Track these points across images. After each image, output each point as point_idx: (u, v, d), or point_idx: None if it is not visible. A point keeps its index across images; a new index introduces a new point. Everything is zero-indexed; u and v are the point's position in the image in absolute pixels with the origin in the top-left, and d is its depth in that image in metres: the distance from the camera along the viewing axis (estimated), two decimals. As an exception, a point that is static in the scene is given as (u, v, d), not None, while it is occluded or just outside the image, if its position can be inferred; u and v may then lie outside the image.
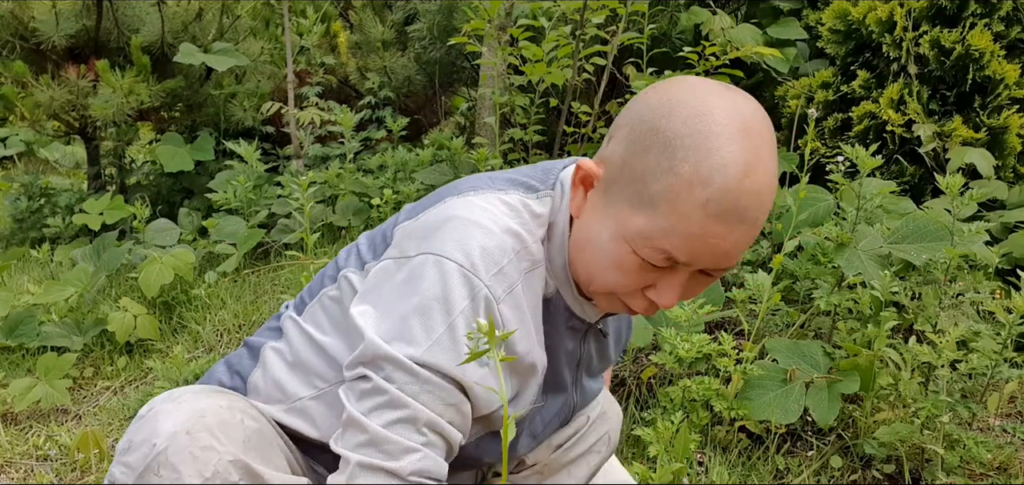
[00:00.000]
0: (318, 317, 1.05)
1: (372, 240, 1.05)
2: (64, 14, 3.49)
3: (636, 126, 0.88)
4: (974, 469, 1.68)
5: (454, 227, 0.91)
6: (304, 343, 1.05)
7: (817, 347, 1.79)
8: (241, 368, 1.10)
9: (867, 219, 1.92)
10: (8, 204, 3.76)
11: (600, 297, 0.97)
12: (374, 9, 4.26)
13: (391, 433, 0.87)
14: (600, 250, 0.91)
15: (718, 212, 0.82)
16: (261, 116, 3.56)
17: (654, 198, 0.85)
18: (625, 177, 0.88)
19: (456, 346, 0.88)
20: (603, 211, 0.91)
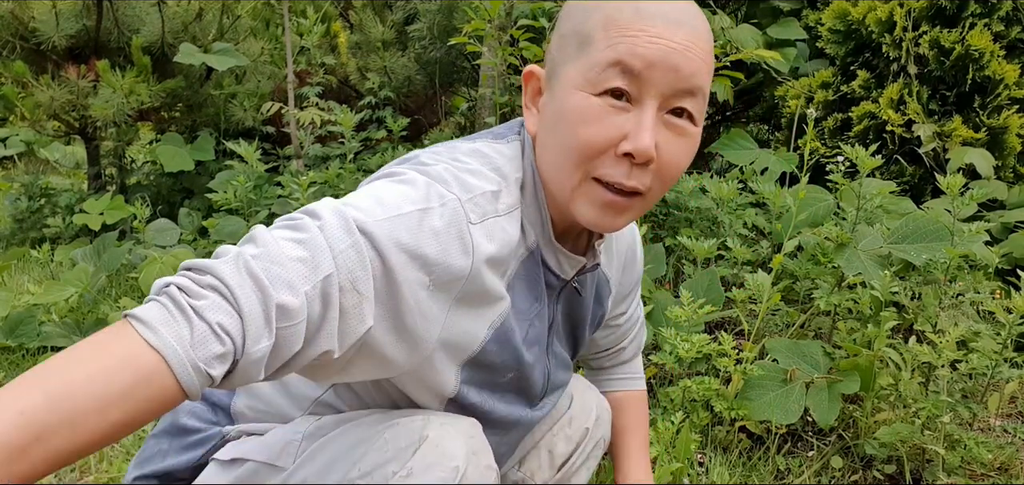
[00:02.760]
0: None
1: None
2: (64, 14, 3.49)
3: (560, 15, 0.92)
4: (975, 469, 1.68)
5: (425, 161, 0.89)
6: None
7: (817, 347, 1.79)
8: (218, 397, 1.02)
9: (867, 219, 1.92)
10: (8, 204, 3.76)
11: (580, 197, 0.88)
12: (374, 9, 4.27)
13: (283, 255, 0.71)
14: (562, 125, 0.86)
15: (652, 12, 0.83)
16: (261, 116, 3.57)
17: (590, 34, 0.85)
18: (562, 48, 0.88)
19: (416, 234, 0.78)
20: (550, 96, 0.89)
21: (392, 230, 0.76)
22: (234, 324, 0.65)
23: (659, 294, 2.04)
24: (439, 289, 0.80)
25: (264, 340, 0.66)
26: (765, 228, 2.31)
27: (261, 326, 0.66)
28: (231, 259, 0.69)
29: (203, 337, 0.63)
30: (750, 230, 2.29)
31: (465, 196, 0.83)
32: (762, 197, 2.28)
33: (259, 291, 0.67)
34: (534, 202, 0.93)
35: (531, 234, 0.93)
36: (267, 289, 0.67)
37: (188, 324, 0.63)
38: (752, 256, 2.12)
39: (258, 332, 0.66)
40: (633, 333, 1.32)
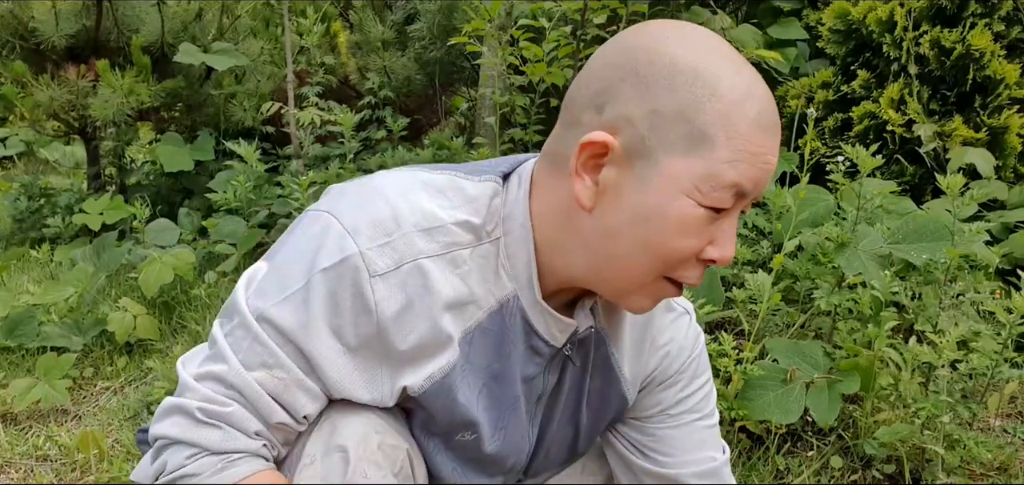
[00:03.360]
0: None
1: None
2: (64, 14, 3.49)
3: (641, 71, 0.75)
4: (974, 469, 1.68)
5: (359, 191, 0.83)
6: None
7: (817, 347, 1.79)
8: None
9: (867, 219, 1.92)
10: (8, 204, 3.76)
11: (643, 293, 0.82)
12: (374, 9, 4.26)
13: (201, 385, 0.81)
14: (655, 226, 0.77)
15: (768, 123, 0.76)
16: (261, 116, 3.56)
17: (706, 131, 0.74)
18: (658, 127, 0.75)
19: (308, 308, 0.78)
20: (637, 181, 0.77)
21: (285, 312, 0.79)
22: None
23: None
24: (358, 351, 0.81)
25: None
26: (765, 228, 2.31)
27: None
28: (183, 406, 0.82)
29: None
30: (750, 230, 2.28)
31: (373, 242, 0.78)
32: (762, 197, 2.28)
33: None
34: (523, 255, 0.84)
35: (506, 286, 0.84)
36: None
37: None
38: (752, 256, 2.12)
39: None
40: (709, 427, 1.04)
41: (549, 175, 0.83)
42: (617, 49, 0.79)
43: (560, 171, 0.81)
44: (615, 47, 0.79)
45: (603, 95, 0.77)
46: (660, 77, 0.75)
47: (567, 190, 0.80)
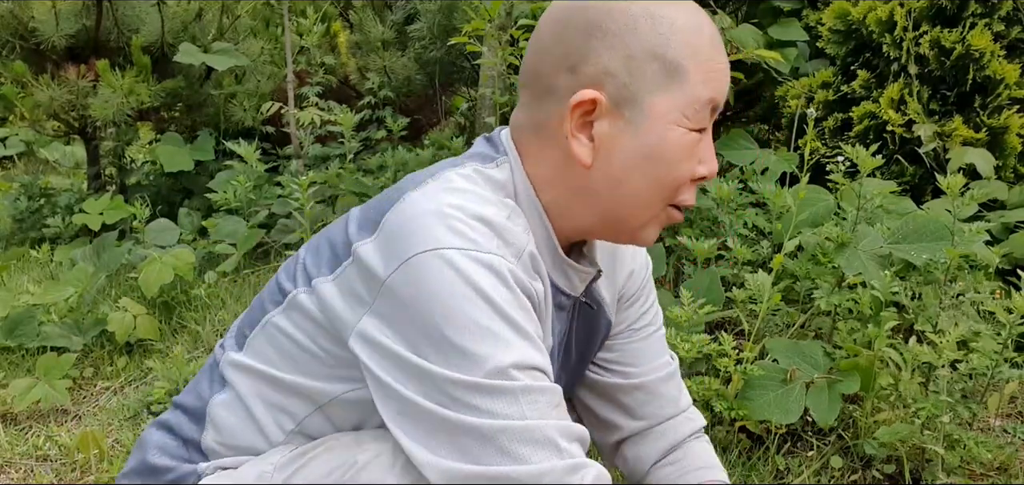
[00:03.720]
0: (266, 351, 0.90)
1: (317, 250, 0.89)
2: (64, 14, 3.49)
3: (604, 25, 0.81)
4: (974, 469, 1.68)
5: (428, 217, 0.79)
6: (255, 386, 0.90)
7: (817, 347, 1.79)
8: (187, 433, 0.94)
9: (867, 219, 1.92)
10: (8, 204, 3.76)
11: (653, 223, 0.89)
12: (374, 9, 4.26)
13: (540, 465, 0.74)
14: (657, 161, 0.84)
15: (718, 39, 0.86)
16: (261, 116, 3.56)
17: (677, 62, 0.82)
18: (635, 71, 0.81)
19: (522, 330, 0.77)
20: (628, 125, 0.83)
21: (503, 349, 0.77)
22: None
23: (659, 294, 2.04)
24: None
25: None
26: (765, 228, 2.31)
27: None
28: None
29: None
30: (750, 230, 2.28)
31: (494, 243, 0.80)
32: (762, 197, 2.28)
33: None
34: (538, 222, 0.89)
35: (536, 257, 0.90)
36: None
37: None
38: (752, 256, 2.12)
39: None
40: (662, 335, 1.16)
41: (536, 146, 0.88)
42: (568, 13, 0.84)
43: (547, 139, 0.87)
44: (565, 12, 0.84)
45: (572, 56, 0.83)
46: (623, 26, 0.81)
47: (560, 155, 0.86)
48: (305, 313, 0.86)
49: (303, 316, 0.87)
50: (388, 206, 0.83)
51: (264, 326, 0.91)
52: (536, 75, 0.86)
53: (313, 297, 0.86)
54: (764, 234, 2.35)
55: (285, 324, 0.89)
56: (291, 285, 0.89)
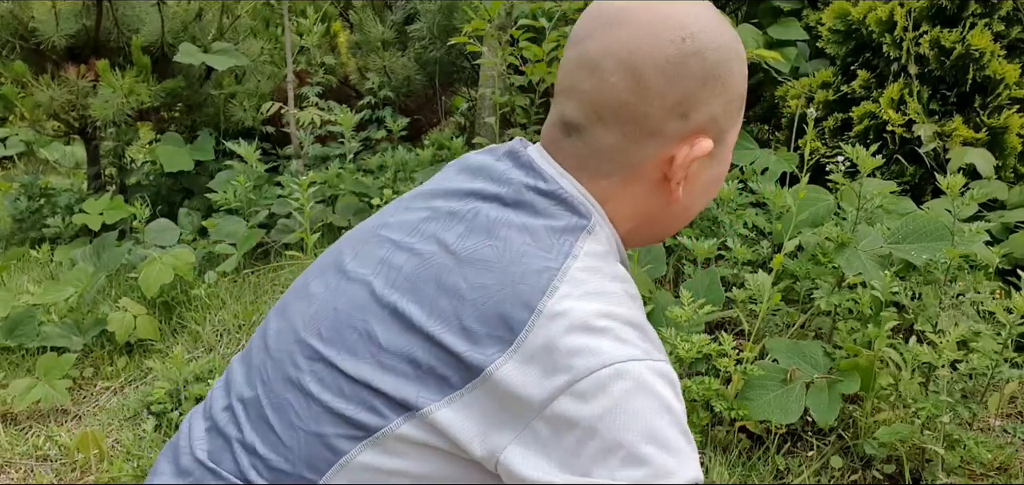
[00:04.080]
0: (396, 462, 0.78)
1: (387, 368, 0.77)
2: (64, 14, 3.48)
3: (714, 72, 0.80)
4: (974, 469, 1.68)
5: (584, 333, 0.73)
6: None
7: (817, 347, 1.79)
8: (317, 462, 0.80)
9: (867, 219, 1.92)
10: (8, 204, 3.75)
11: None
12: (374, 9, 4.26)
13: None
14: (716, 185, 0.88)
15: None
16: (261, 116, 3.56)
17: (743, 97, 0.86)
18: (730, 113, 0.83)
19: (692, 441, 0.74)
20: (713, 160, 0.85)
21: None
22: None
23: (659, 294, 2.04)
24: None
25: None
26: (765, 228, 2.31)
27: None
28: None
29: None
30: (750, 230, 2.29)
31: (657, 348, 0.77)
32: (762, 197, 2.28)
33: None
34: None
35: None
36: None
37: None
38: (752, 256, 2.12)
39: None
40: None
41: (620, 184, 0.83)
42: (681, 59, 0.79)
43: (636, 177, 0.83)
44: (678, 58, 0.79)
45: (684, 104, 0.80)
46: (728, 72, 0.81)
47: (645, 190, 0.84)
48: (413, 442, 0.76)
49: (411, 446, 0.76)
50: (508, 313, 0.74)
51: (342, 467, 0.78)
52: (639, 117, 0.80)
53: (422, 425, 0.75)
54: (764, 234, 2.35)
55: (379, 460, 0.77)
56: (373, 418, 0.77)
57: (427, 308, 0.77)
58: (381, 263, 0.84)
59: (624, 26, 0.80)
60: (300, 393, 0.81)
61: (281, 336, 0.87)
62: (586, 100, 0.81)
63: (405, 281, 0.80)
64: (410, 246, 0.83)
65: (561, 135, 0.84)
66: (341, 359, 0.79)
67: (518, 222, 0.79)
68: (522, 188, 0.82)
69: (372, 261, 0.85)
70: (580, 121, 0.82)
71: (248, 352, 0.92)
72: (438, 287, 0.78)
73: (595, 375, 0.71)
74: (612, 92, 0.80)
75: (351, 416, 0.78)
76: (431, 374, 0.75)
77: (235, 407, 0.86)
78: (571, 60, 0.84)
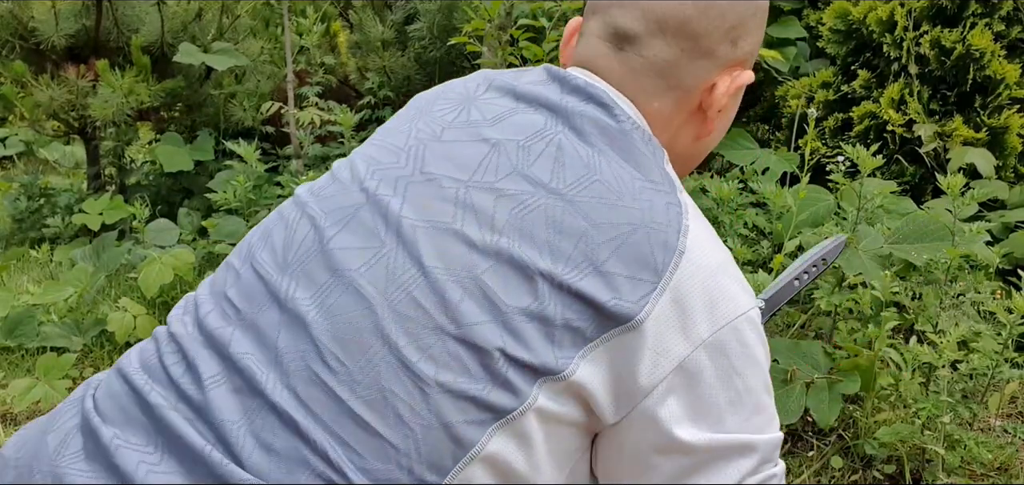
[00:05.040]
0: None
1: (510, 329, 0.66)
2: (64, 14, 3.48)
3: (762, 4, 0.82)
4: (975, 469, 1.68)
5: (724, 276, 0.71)
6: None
7: (817, 347, 1.79)
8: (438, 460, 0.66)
9: (868, 219, 1.92)
10: (8, 204, 3.75)
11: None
12: (374, 9, 4.26)
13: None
14: (727, 127, 0.87)
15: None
16: (261, 116, 3.56)
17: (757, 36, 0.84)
18: (756, 51, 0.83)
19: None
20: (738, 96, 0.85)
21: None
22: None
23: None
24: None
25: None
26: (765, 228, 2.31)
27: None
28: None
29: None
30: (750, 230, 2.28)
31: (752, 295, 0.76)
32: (763, 197, 2.28)
33: None
34: None
35: None
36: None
37: None
38: (752, 256, 2.12)
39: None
40: None
41: (660, 103, 0.79)
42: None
43: (678, 98, 0.80)
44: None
45: (737, 29, 0.79)
46: (763, 8, 0.83)
47: (684, 115, 0.81)
48: (545, 419, 0.67)
49: (542, 424, 0.67)
50: (647, 252, 0.68)
51: (471, 461, 0.65)
52: (697, 34, 0.77)
53: (558, 393, 0.66)
54: (764, 234, 2.35)
55: (509, 448, 0.66)
56: (507, 397, 0.66)
57: (549, 254, 0.67)
58: (459, 207, 0.70)
59: None
60: (404, 380, 0.65)
61: (340, 318, 0.67)
62: (647, 9, 0.76)
63: (507, 227, 0.68)
64: (489, 185, 0.71)
65: (610, 49, 0.78)
66: (456, 328, 0.66)
67: (612, 154, 0.72)
68: (594, 117, 0.74)
69: (442, 204, 0.70)
70: (639, 32, 0.77)
71: (244, 326, 0.70)
72: (554, 229, 0.68)
73: (734, 324, 0.69)
74: (678, 5, 0.76)
75: (481, 397, 0.65)
76: (566, 329, 0.66)
77: (269, 410, 0.66)
78: None
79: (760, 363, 0.72)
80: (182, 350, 0.71)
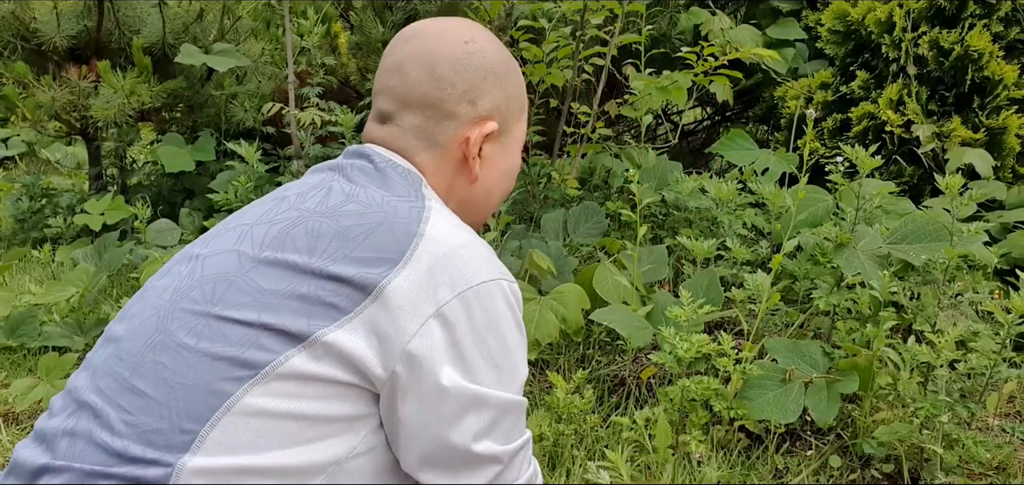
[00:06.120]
0: (239, 440, 0.79)
1: (271, 307, 0.82)
2: (65, 15, 3.49)
3: (494, 70, 1.01)
4: (973, 468, 1.69)
5: (467, 248, 0.88)
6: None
7: (816, 347, 1.79)
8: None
9: (866, 219, 1.93)
10: (10, 204, 3.76)
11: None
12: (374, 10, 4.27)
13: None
14: (510, 177, 1.07)
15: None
16: (262, 117, 3.57)
17: (522, 103, 1.06)
18: (511, 107, 1.03)
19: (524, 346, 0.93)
20: (502, 149, 1.04)
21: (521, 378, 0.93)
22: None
23: (659, 294, 2.05)
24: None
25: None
26: (764, 228, 2.32)
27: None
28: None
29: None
30: (749, 230, 2.29)
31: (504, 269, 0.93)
32: (761, 197, 2.29)
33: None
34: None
35: None
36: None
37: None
38: (751, 256, 2.13)
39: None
40: None
41: (432, 164, 1.00)
42: (466, 55, 1.00)
43: (443, 158, 1.00)
44: (462, 54, 0.99)
45: (472, 92, 1.00)
46: (501, 71, 1.02)
47: (452, 170, 1.01)
48: (302, 378, 0.80)
49: (300, 383, 0.80)
50: (392, 238, 0.86)
51: (227, 411, 0.78)
52: (434, 102, 0.99)
53: (315, 353, 0.80)
54: (763, 234, 2.36)
55: (267, 402, 0.79)
56: (261, 354, 0.80)
57: (306, 252, 0.86)
58: (241, 237, 0.90)
59: (420, 38, 1.00)
60: (173, 352, 0.82)
61: (136, 328, 0.87)
62: (395, 93, 1.00)
63: (274, 241, 0.88)
64: (269, 219, 0.91)
65: (377, 125, 1.01)
66: (220, 310, 0.84)
67: (369, 185, 0.93)
68: (359, 165, 0.96)
69: (229, 240, 0.91)
70: (392, 111, 1.00)
71: (85, 367, 0.90)
72: (315, 235, 0.87)
73: (481, 288, 0.86)
74: (415, 85, 0.99)
75: (236, 356, 0.81)
76: (319, 303, 0.82)
77: (84, 408, 0.84)
78: (382, 70, 1.02)
79: (501, 328, 0.87)
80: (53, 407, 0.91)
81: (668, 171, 2.48)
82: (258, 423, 0.79)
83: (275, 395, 0.80)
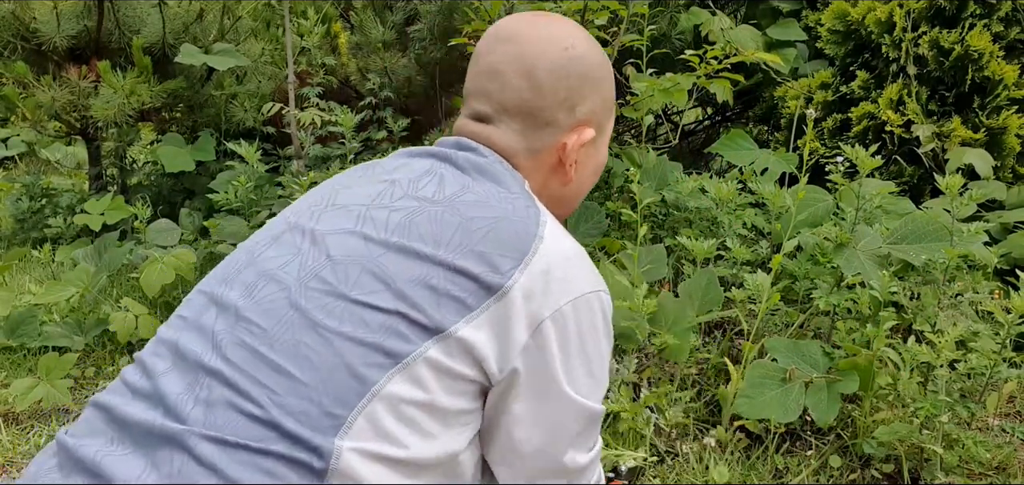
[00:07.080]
0: (387, 428, 0.79)
1: (407, 299, 0.82)
2: (65, 15, 3.49)
3: (591, 74, 1.01)
4: (973, 468, 1.69)
5: (578, 259, 0.92)
6: (389, 475, 0.80)
7: (816, 347, 1.79)
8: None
9: (866, 219, 1.93)
10: (10, 204, 3.76)
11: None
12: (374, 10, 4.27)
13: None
14: (599, 171, 1.08)
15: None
16: (262, 117, 3.57)
17: (612, 102, 1.07)
18: (605, 109, 1.04)
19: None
20: (594, 148, 1.04)
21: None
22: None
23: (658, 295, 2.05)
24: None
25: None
26: (764, 228, 2.32)
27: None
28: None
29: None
30: (749, 230, 2.29)
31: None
32: (761, 197, 2.28)
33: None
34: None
35: None
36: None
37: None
38: (751, 256, 2.13)
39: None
40: None
41: (529, 167, 1.00)
42: (566, 63, 0.99)
43: (540, 161, 1.01)
44: (562, 62, 0.99)
45: (571, 99, 0.99)
46: (599, 75, 1.02)
47: (546, 171, 1.02)
48: (439, 369, 0.81)
49: (437, 374, 0.81)
50: (513, 236, 0.87)
51: (373, 398, 0.79)
52: (534, 110, 0.98)
53: (447, 347, 0.82)
54: (763, 234, 2.36)
55: (406, 391, 0.80)
56: (401, 344, 0.81)
57: (433, 242, 0.86)
58: (360, 219, 0.89)
59: (517, 42, 0.99)
60: (314, 332, 0.81)
61: (262, 300, 0.84)
62: (493, 100, 0.99)
63: (398, 228, 0.87)
64: (387, 205, 0.90)
65: (473, 123, 1.01)
66: (356, 294, 0.83)
67: (481, 177, 0.94)
68: (466, 157, 0.96)
69: (346, 221, 0.89)
70: (490, 114, 0.99)
71: (189, 327, 0.86)
72: (438, 224, 0.87)
73: (576, 301, 0.88)
74: (515, 92, 0.98)
75: (378, 343, 0.81)
76: (447, 297, 0.83)
77: (214, 376, 0.81)
78: (477, 72, 1.01)
79: (599, 338, 0.90)
80: (141, 363, 0.88)
81: (668, 171, 2.48)
82: (398, 412, 0.80)
83: (414, 385, 0.81)
